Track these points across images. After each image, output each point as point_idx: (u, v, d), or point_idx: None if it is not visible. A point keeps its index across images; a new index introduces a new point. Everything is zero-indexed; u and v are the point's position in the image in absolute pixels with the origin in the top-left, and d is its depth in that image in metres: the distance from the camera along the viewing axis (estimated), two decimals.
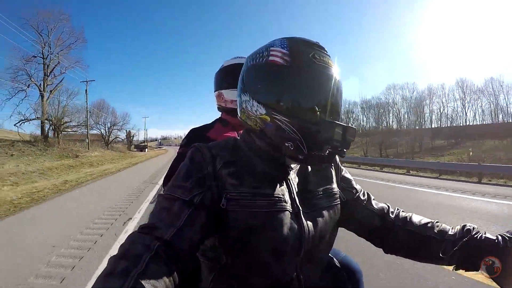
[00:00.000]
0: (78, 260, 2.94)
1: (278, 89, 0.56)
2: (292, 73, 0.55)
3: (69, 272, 2.67)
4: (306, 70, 0.55)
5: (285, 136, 0.55)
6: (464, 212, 5.01)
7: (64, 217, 4.85)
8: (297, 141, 0.54)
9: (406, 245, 0.66)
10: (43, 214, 5.14)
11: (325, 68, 0.56)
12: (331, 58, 0.59)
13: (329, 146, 0.54)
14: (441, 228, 0.64)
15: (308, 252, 0.56)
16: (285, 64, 0.56)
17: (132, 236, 0.47)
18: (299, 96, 0.55)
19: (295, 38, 0.60)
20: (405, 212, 0.71)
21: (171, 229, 0.48)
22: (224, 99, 1.15)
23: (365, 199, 0.71)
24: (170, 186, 0.55)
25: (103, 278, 0.39)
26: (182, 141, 1.12)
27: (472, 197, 6.62)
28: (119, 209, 5.33)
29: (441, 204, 5.83)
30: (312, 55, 0.56)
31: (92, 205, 5.66)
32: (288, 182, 0.60)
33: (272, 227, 0.53)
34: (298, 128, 0.54)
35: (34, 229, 4.12)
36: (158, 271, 0.42)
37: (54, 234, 3.79)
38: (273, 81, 0.57)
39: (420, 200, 6.34)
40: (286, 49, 0.57)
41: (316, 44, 0.59)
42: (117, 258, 0.42)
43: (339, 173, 0.71)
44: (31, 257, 3.00)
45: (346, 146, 0.55)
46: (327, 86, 0.56)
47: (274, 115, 0.56)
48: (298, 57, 0.56)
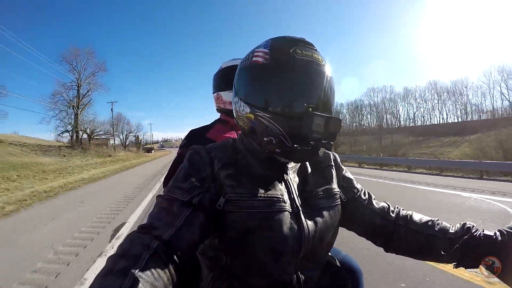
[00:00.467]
0: (139, 191, 7.65)
1: (260, 87, 0.57)
2: (272, 69, 0.56)
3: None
4: (285, 65, 0.55)
5: (268, 132, 0.56)
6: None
7: (128, 180, 10.64)
8: (280, 136, 0.55)
9: (409, 244, 0.65)
10: (116, 180, 11.17)
11: (308, 62, 0.55)
12: (318, 53, 0.58)
13: (311, 139, 0.53)
14: (442, 226, 0.64)
15: (308, 252, 0.56)
16: (266, 62, 0.57)
17: (131, 235, 0.48)
18: (280, 92, 0.55)
19: (279, 37, 0.60)
20: (405, 210, 0.71)
21: (170, 229, 0.48)
22: (222, 101, 1.15)
23: (366, 198, 0.70)
24: (169, 187, 0.56)
25: (102, 277, 0.40)
26: (181, 142, 1.14)
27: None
28: (158, 173, 12.60)
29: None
30: (294, 50, 0.55)
31: (143, 174, 13.19)
32: (287, 183, 0.60)
33: (271, 227, 0.53)
34: (280, 123, 0.54)
35: (110, 187, 8.90)
36: (157, 270, 0.42)
37: (124, 185, 8.96)
38: (255, 80, 0.58)
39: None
40: (268, 48, 0.58)
41: (300, 39, 0.59)
42: (116, 257, 0.43)
43: (340, 173, 0.70)
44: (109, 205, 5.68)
45: (330, 137, 0.55)
46: (309, 79, 0.55)
47: (257, 112, 0.57)
48: (278, 54, 0.56)
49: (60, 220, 4.59)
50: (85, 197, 6.78)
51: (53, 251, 3.11)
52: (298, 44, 0.57)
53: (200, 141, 0.74)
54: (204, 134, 1.09)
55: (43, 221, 4.48)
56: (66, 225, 4.26)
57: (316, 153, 0.57)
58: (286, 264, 0.55)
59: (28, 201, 6.31)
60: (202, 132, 1.11)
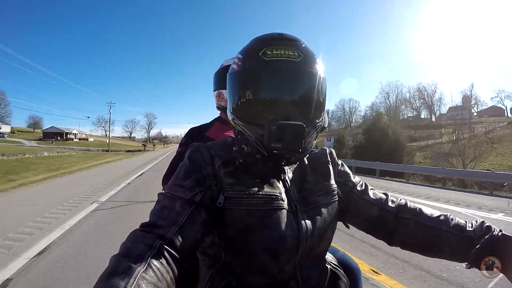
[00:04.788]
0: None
1: (235, 95, 0.58)
2: (241, 76, 0.56)
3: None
4: (252, 71, 0.55)
5: (244, 140, 0.56)
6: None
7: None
8: (253, 143, 0.55)
9: (418, 238, 0.63)
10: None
11: (277, 62, 0.54)
12: (296, 48, 0.55)
13: (272, 148, 0.53)
14: (456, 223, 0.61)
15: (307, 250, 0.56)
16: (238, 69, 0.57)
17: (134, 234, 0.47)
18: (249, 99, 0.56)
19: (254, 38, 0.60)
20: (412, 203, 0.68)
21: (173, 227, 0.48)
22: (223, 99, 1.15)
23: (361, 190, 0.69)
24: (170, 185, 0.56)
25: (106, 277, 0.39)
26: (181, 140, 1.13)
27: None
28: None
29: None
30: (263, 52, 0.55)
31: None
32: (285, 181, 0.60)
33: (269, 225, 0.53)
34: (252, 131, 0.55)
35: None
36: (160, 271, 0.42)
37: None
38: (231, 88, 0.59)
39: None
40: (242, 53, 0.58)
41: (276, 37, 0.57)
42: (119, 257, 0.42)
43: (335, 169, 0.70)
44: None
45: (291, 146, 0.53)
46: (276, 81, 0.54)
47: (235, 120, 0.58)
48: (247, 59, 0.56)
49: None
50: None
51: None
52: (271, 43, 0.56)
53: (199, 139, 0.74)
54: (203, 133, 1.09)
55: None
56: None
57: (288, 161, 0.58)
58: (285, 262, 0.55)
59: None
60: (202, 130, 1.12)
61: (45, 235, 3.50)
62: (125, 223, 4.09)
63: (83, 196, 6.11)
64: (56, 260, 2.77)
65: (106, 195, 6.34)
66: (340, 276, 0.66)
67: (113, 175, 10.38)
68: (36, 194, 6.59)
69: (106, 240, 3.38)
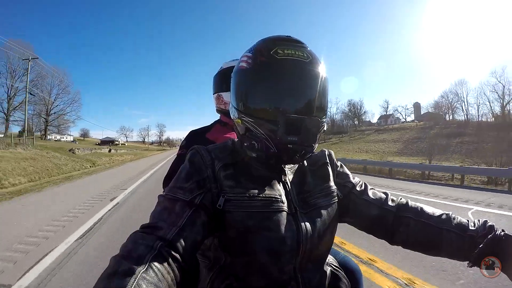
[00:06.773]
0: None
1: (244, 92, 0.58)
2: (253, 74, 0.56)
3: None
4: (265, 68, 0.55)
5: (253, 137, 0.57)
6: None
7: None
8: (263, 140, 0.55)
9: (419, 237, 0.62)
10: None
11: (289, 61, 0.55)
12: (304, 50, 0.57)
13: (287, 142, 0.54)
14: (459, 222, 0.61)
15: (307, 252, 0.56)
16: (248, 67, 0.57)
17: (134, 235, 0.48)
18: (260, 96, 0.56)
19: (264, 38, 0.60)
20: (413, 202, 0.67)
21: (173, 229, 0.49)
22: (223, 101, 1.16)
23: (361, 190, 0.69)
24: (171, 187, 0.56)
25: (106, 278, 0.39)
26: (181, 143, 1.14)
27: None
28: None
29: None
30: (275, 51, 0.55)
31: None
32: (285, 183, 0.60)
33: (268, 227, 0.54)
34: (263, 127, 0.55)
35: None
36: (161, 272, 0.42)
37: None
38: (240, 86, 0.59)
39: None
40: (252, 52, 0.58)
41: (285, 38, 0.58)
42: (119, 258, 0.43)
43: (335, 170, 0.70)
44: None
45: (306, 140, 0.54)
46: (289, 79, 0.55)
47: (243, 117, 0.58)
48: (259, 57, 0.56)
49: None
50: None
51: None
52: (281, 44, 0.57)
53: (200, 141, 0.75)
54: (204, 135, 1.11)
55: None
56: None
57: (301, 155, 0.57)
58: (285, 264, 0.55)
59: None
60: (202, 133, 1.13)
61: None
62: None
63: (170, 159, 17.40)
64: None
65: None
66: (341, 277, 0.67)
67: (170, 154, 31.98)
68: (144, 163, 19.86)
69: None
